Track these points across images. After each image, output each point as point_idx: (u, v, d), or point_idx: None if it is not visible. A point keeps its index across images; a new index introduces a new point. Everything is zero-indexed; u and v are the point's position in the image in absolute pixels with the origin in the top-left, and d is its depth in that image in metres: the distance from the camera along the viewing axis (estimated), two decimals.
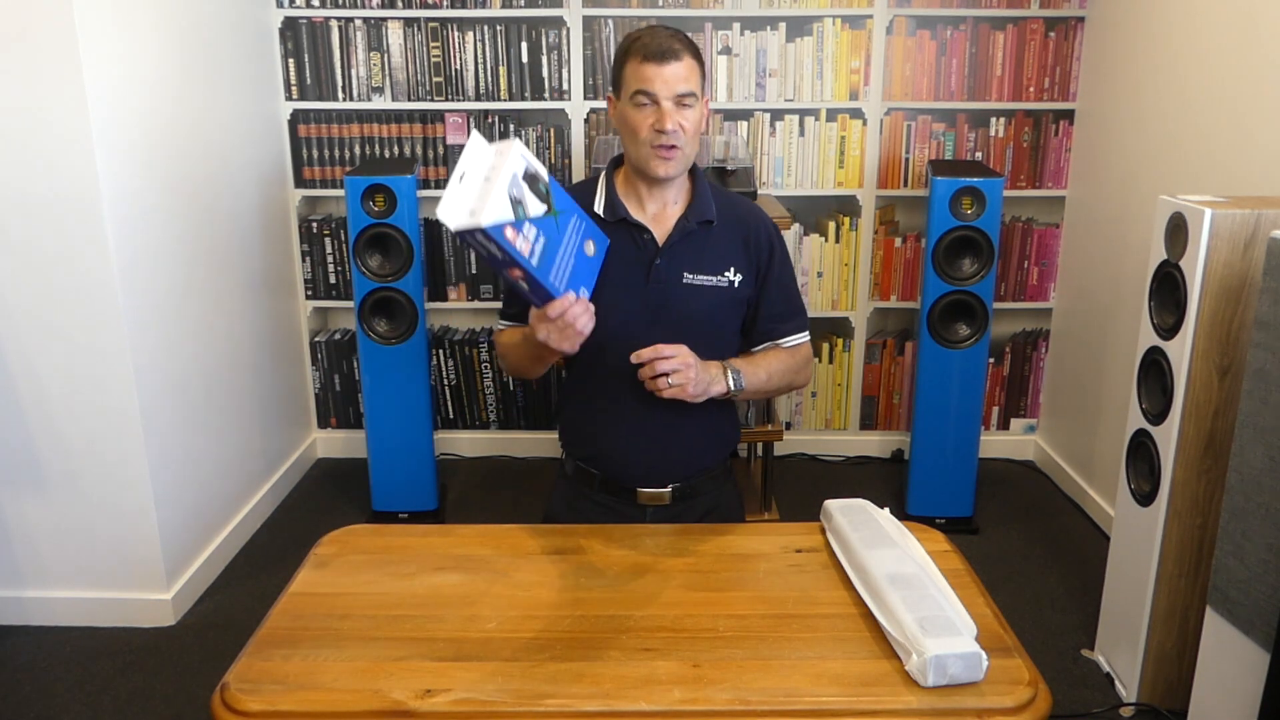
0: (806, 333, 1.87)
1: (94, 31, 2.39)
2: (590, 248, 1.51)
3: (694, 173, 1.78)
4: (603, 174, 1.79)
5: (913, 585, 1.35)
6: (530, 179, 1.40)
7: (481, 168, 1.38)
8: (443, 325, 3.75)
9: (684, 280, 1.72)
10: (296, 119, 3.52)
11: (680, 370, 1.59)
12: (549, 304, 1.46)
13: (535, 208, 1.40)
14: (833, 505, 1.62)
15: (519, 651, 1.32)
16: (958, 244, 3.05)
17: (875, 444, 3.85)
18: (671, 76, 1.63)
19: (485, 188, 1.35)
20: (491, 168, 1.38)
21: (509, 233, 1.35)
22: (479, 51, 3.46)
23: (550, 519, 1.87)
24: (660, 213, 1.74)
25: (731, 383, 1.69)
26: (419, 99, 3.50)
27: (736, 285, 1.75)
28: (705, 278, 1.73)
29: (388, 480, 3.27)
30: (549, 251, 1.42)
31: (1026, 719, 1.21)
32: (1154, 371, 2.28)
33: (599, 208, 1.74)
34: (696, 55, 1.67)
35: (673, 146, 1.65)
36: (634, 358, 1.60)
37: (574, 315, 1.47)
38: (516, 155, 1.40)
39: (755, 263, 1.78)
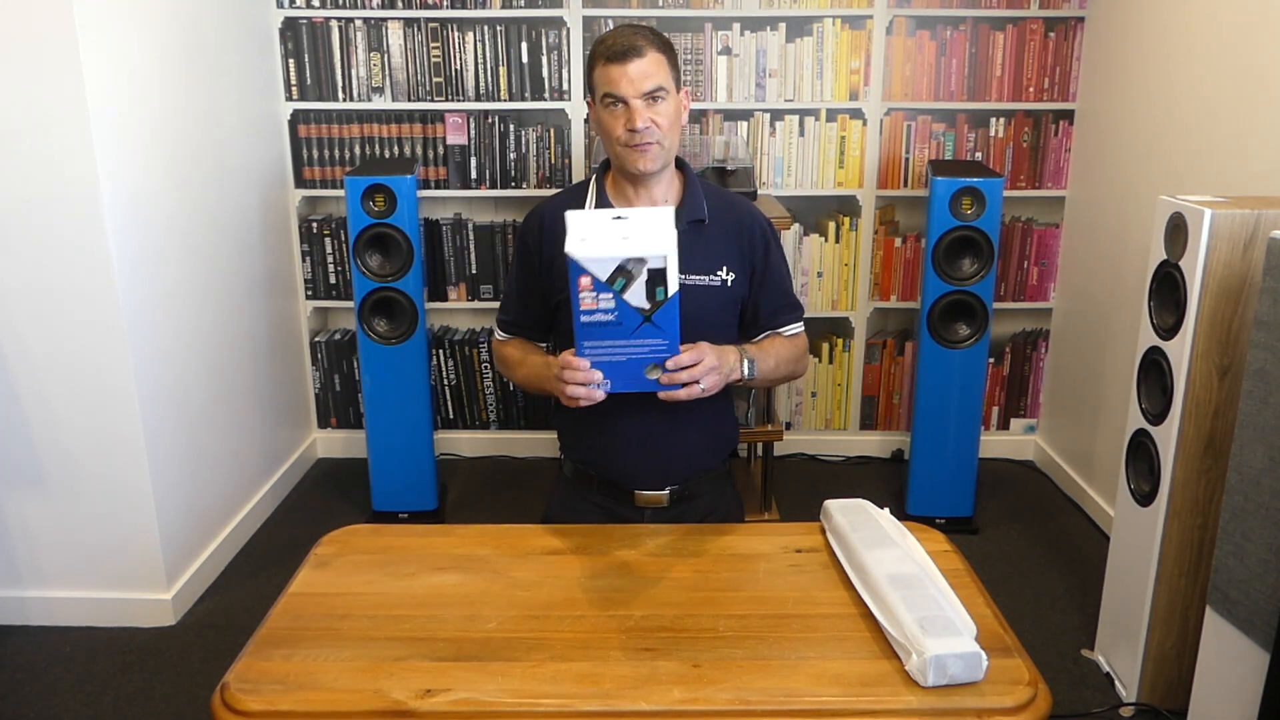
0: (802, 324, 1.88)
1: (94, 31, 2.39)
2: (653, 373, 1.50)
3: (685, 171, 1.78)
4: (593, 178, 1.78)
5: (913, 585, 1.35)
6: (655, 275, 1.40)
7: (638, 229, 1.41)
8: (443, 325, 3.75)
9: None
10: (296, 119, 3.52)
11: (707, 374, 1.56)
12: (565, 355, 1.50)
13: (637, 298, 1.41)
14: (833, 505, 1.62)
15: (519, 651, 1.32)
16: (958, 244, 3.05)
17: (875, 444, 3.85)
18: (636, 74, 1.62)
19: (611, 239, 1.40)
20: (640, 236, 1.40)
21: (583, 280, 1.40)
22: (479, 51, 3.46)
23: (549, 520, 1.87)
24: None
25: (746, 369, 1.68)
26: (419, 99, 3.50)
27: (729, 284, 1.75)
28: (698, 277, 1.72)
29: (388, 480, 3.27)
30: (606, 330, 1.44)
31: (1026, 719, 1.21)
32: (1154, 371, 2.28)
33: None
34: (663, 48, 1.66)
35: (649, 142, 1.65)
36: (666, 378, 1.52)
37: (570, 377, 1.49)
38: (664, 247, 1.40)
39: (749, 261, 1.77)
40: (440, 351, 3.72)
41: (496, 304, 3.62)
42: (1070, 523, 3.33)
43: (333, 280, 3.68)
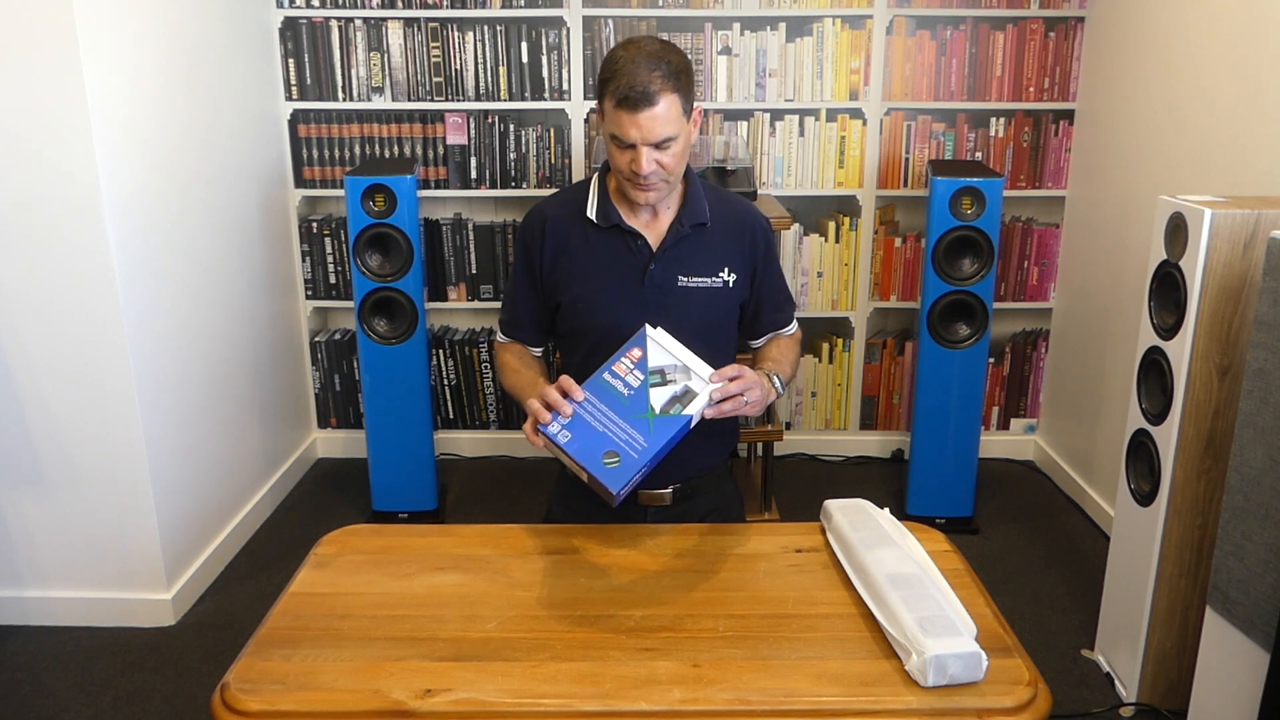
0: (796, 319, 1.91)
1: (94, 31, 2.39)
2: (610, 460, 1.43)
3: (687, 175, 1.77)
4: (594, 178, 1.78)
5: (913, 585, 1.35)
6: (684, 396, 1.49)
7: (702, 364, 1.53)
8: (443, 325, 3.75)
9: (679, 284, 1.72)
10: (296, 119, 3.52)
11: (751, 387, 1.54)
12: (563, 382, 1.49)
13: (657, 398, 1.48)
14: (833, 505, 1.62)
15: (519, 651, 1.32)
16: (958, 244, 3.05)
17: (875, 444, 3.85)
18: (647, 123, 1.57)
19: (680, 350, 1.53)
20: (702, 364, 1.52)
21: (634, 351, 1.51)
22: (479, 51, 3.46)
23: (551, 519, 1.87)
24: (653, 219, 1.74)
25: (780, 387, 1.70)
26: (419, 99, 3.50)
27: (731, 285, 1.75)
28: (700, 279, 1.73)
29: (388, 480, 3.27)
30: (611, 399, 1.47)
31: (1026, 719, 1.21)
32: (1154, 371, 2.28)
33: (591, 213, 1.73)
34: (677, 86, 1.58)
35: (654, 181, 1.64)
36: (720, 393, 1.50)
37: (549, 395, 1.47)
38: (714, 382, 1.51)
39: (751, 262, 1.78)
40: (440, 351, 3.72)
41: (496, 304, 3.66)
42: (1070, 523, 3.33)
43: (333, 280, 3.68)
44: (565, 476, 1.88)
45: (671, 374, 1.50)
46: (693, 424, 1.48)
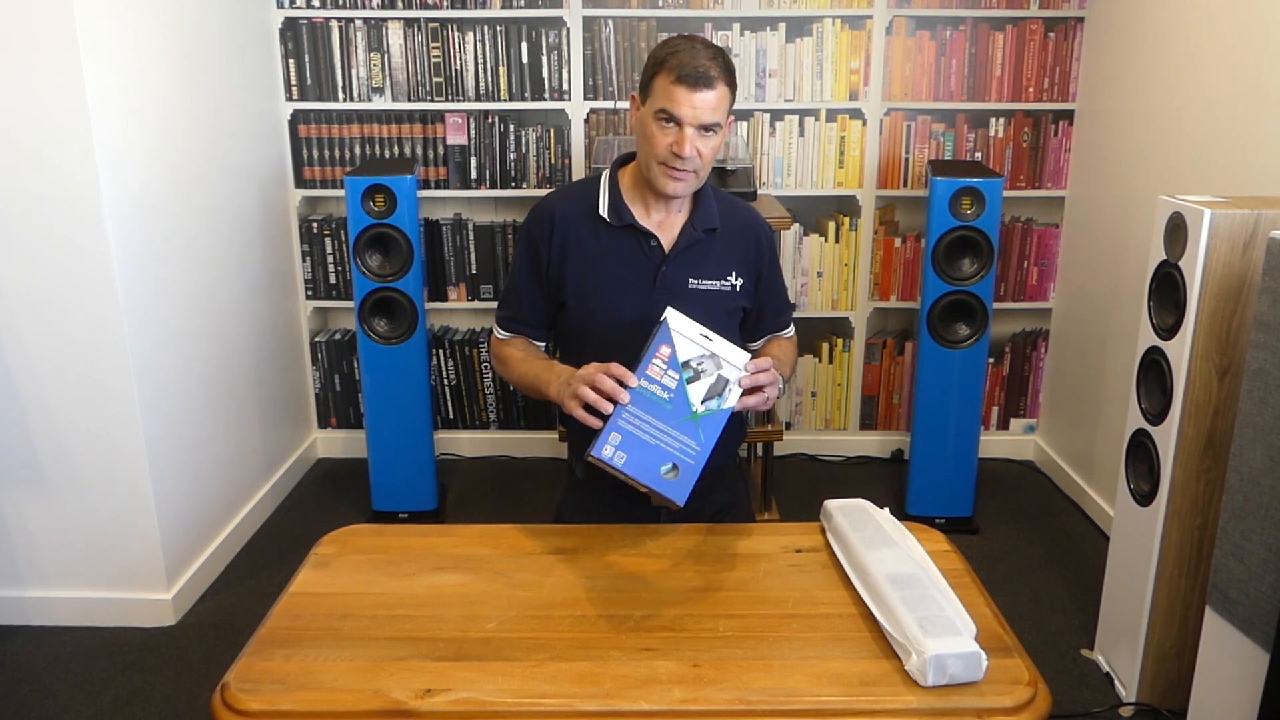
0: (792, 322, 1.95)
1: (94, 31, 2.39)
2: (670, 474, 1.44)
3: None
4: (604, 175, 1.78)
5: (913, 585, 1.35)
6: (720, 385, 1.49)
7: (720, 346, 1.51)
8: (443, 325, 3.75)
9: (689, 286, 1.73)
10: (296, 119, 3.53)
11: (776, 382, 1.57)
12: (616, 369, 1.46)
13: (696, 394, 1.47)
14: (833, 505, 1.62)
15: (519, 651, 1.32)
16: (957, 244, 3.05)
17: (875, 444, 3.85)
18: (701, 104, 1.61)
19: (700, 339, 1.51)
20: (723, 349, 1.51)
21: (663, 349, 1.48)
22: (479, 51, 3.46)
23: (561, 521, 1.87)
24: (665, 219, 1.75)
25: (782, 384, 1.71)
26: (419, 99, 3.50)
27: (738, 290, 1.77)
28: (710, 283, 1.74)
29: (388, 480, 3.27)
30: (654, 407, 1.45)
31: (1026, 719, 1.21)
32: (1153, 371, 2.28)
33: (603, 211, 1.74)
34: (729, 81, 1.65)
35: (688, 170, 1.65)
36: (750, 380, 1.52)
37: (590, 380, 1.45)
38: (741, 363, 1.51)
39: (756, 267, 1.80)
40: (440, 351, 3.72)
41: (496, 304, 3.65)
42: (1070, 523, 3.33)
43: (333, 280, 3.68)
44: (575, 478, 1.88)
45: (700, 364, 1.49)
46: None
